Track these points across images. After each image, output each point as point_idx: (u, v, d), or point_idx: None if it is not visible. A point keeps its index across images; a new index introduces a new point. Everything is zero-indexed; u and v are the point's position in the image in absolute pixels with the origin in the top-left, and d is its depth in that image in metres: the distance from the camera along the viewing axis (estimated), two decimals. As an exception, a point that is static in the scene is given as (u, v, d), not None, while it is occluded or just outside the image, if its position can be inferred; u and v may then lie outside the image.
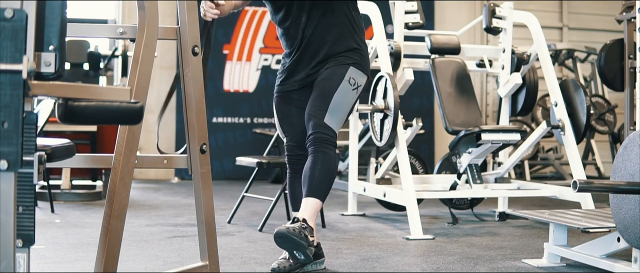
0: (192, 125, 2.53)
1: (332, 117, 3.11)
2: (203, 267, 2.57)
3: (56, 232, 4.13)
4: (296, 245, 2.88)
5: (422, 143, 8.44)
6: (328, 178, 3.07)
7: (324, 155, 3.06)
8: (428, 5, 8.44)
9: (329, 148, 3.08)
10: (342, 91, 3.14)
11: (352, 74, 3.17)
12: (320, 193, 3.05)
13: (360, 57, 3.24)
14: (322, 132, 3.08)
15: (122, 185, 2.31)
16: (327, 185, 3.08)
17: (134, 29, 2.39)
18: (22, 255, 1.79)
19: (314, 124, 3.09)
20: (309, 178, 3.06)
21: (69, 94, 1.80)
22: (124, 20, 8.13)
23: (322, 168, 3.05)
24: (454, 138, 4.64)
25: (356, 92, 3.20)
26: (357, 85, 3.19)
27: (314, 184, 3.04)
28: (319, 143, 3.07)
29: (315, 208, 3.04)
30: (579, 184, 2.61)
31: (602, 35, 8.49)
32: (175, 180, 8.04)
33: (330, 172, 3.07)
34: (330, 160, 3.07)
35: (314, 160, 3.06)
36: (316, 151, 3.07)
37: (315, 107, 3.12)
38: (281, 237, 2.89)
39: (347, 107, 3.17)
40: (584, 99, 4.77)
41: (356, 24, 3.27)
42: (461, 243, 3.89)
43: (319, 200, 3.05)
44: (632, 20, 5.31)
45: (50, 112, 4.95)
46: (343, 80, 3.15)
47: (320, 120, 3.09)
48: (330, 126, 3.10)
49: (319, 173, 3.04)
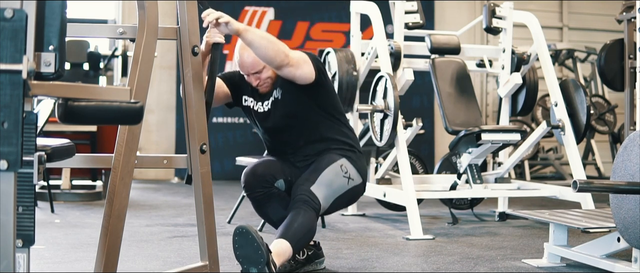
0: (192, 125, 2.53)
1: (319, 188, 3.01)
2: (203, 267, 2.57)
3: (56, 232, 4.13)
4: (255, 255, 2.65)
5: (422, 144, 8.44)
6: (306, 234, 2.90)
7: (306, 212, 2.93)
8: (428, 5, 8.44)
9: (311, 210, 2.96)
10: (332, 171, 3.07)
11: (344, 163, 3.11)
12: (294, 242, 2.86)
13: (355, 156, 3.18)
14: (308, 196, 2.98)
15: (122, 185, 2.31)
16: (303, 239, 2.91)
17: (134, 29, 2.39)
18: (22, 255, 1.79)
19: (301, 189, 3.00)
20: (288, 224, 2.89)
21: (69, 94, 1.80)
22: (124, 20, 8.13)
23: (303, 222, 2.89)
24: (454, 139, 4.63)
25: (347, 181, 3.09)
26: (349, 176, 3.10)
27: (291, 231, 2.86)
28: (301, 202, 2.96)
29: (286, 253, 2.82)
30: (579, 184, 2.61)
31: (602, 35, 8.49)
32: (175, 180, 8.05)
33: (309, 228, 2.91)
34: (311, 221, 2.94)
35: (296, 213, 2.92)
36: (299, 207, 2.94)
37: (304, 179, 3.06)
38: (242, 235, 2.68)
39: (335, 187, 3.06)
40: (584, 99, 4.76)
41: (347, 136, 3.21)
42: (461, 243, 3.89)
43: (291, 249, 2.84)
44: (632, 20, 5.30)
45: (50, 112, 4.95)
46: (334, 163, 3.09)
47: (307, 188, 3.00)
48: (315, 194, 2.99)
49: (299, 225, 2.88)
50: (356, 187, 3.15)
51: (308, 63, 3.05)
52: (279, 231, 2.91)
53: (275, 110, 3.17)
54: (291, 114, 3.16)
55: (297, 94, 3.12)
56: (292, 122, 3.17)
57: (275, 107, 3.17)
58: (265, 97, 3.20)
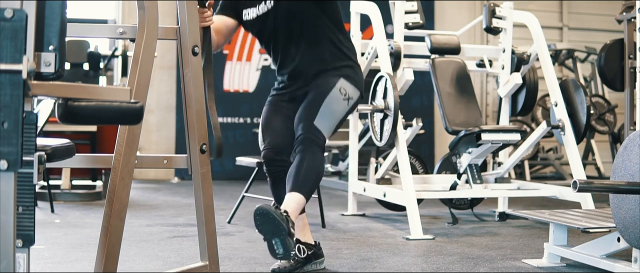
0: (192, 125, 2.52)
1: (321, 121, 3.09)
2: (203, 267, 2.56)
3: (56, 232, 4.13)
4: (277, 228, 2.72)
5: (422, 144, 8.44)
6: (314, 178, 3.00)
7: (312, 155, 3.02)
8: (428, 5, 8.44)
9: (317, 150, 3.04)
10: (332, 98, 3.13)
11: (342, 84, 3.17)
12: (305, 190, 2.96)
13: (352, 72, 3.24)
14: (311, 133, 3.05)
15: (122, 185, 2.31)
16: (313, 184, 3.01)
17: (134, 29, 2.38)
18: (22, 255, 1.79)
19: (304, 126, 3.07)
20: (294, 175, 2.98)
21: (69, 94, 1.80)
22: (124, 20, 8.13)
23: (309, 167, 2.99)
24: (454, 139, 4.64)
25: (347, 104, 3.18)
26: (348, 96, 3.17)
27: (300, 180, 2.96)
28: (307, 143, 3.04)
29: (299, 203, 2.93)
30: (579, 184, 2.61)
31: (602, 35, 8.49)
32: (175, 180, 8.05)
33: (316, 172, 3.01)
34: (317, 160, 3.02)
35: (301, 158, 3.01)
36: (304, 151, 3.03)
37: (305, 112, 3.11)
38: (262, 215, 2.73)
39: (337, 115, 3.14)
40: (584, 99, 4.76)
41: (345, 47, 3.26)
42: (461, 243, 3.89)
43: (303, 197, 2.95)
44: (632, 20, 5.31)
45: (50, 112, 4.95)
46: (333, 88, 3.15)
47: (310, 123, 3.07)
48: (319, 129, 3.07)
49: (305, 171, 2.98)
50: (355, 103, 3.24)
51: None
52: (288, 182, 2.98)
53: (277, 8, 3.19)
54: (293, 12, 3.17)
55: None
56: (293, 23, 3.18)
57: (276, 5, 3.18)
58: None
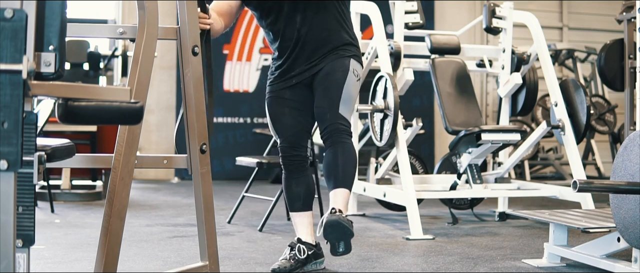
0: (192, 125, 2.52)
1: (345, 108, 3.14)
2: (203, 267, 2.56)
3: (56, 232, 4.13)
4: (345, 232, 2.90)
5: (422, 144, 8.44)
6: (352, 167, 3.10)
7: (343, 146, 3.08)
8: (428, 5, 8.44)
9: (347, 138, 3.11)
10: (350, 83, 3.17)
11: (354, 66, 3.21)
12: (348, 183, 3.08)
13: (356, 49, 3.29)
14: (338, 122, 3.10)
15: (122, 185, 2.31)
16: (352, 173, 3.11)
17: (134, 29, 2.38)
18: (22, 255, 1.79)
19: (330, 116, 3.10)
20: (334, 170, 3.07)
21: (69, 94, 1.80)
22: (124, 20, 8.13)
23: (345, 159, 3.07)
24: (454, 139, 4.63)
25: (359, 83, 3.25)
26: (359, 76, 3.24)
27: (340, 175, 3.06)
28: (336, 134, 3.09)
29: (346, 198, 3.07)
30: (579, 184, 2.61)
31: (602, 35, 8.49)
32: (175, 180, 8.05)
33: (352, 160, 3.10)
34: (350, 149, 3.10)
35: (335, 152, 3.08)
36: (335, 142, 3.09)
37: (328, 100, 3.13)
38: (332, 226, 2.90)
39: (354, 97, 3.22)
40: (584, 99, 4.76)
41: (347, 19, 3.30)
42: (461, 243, 3.89)
43: (348, 191, 3.08)
44: (632, 20, 5.30)
45: (50, 112, 4.95)
46: (349, 73, 3.18)
47: (336, 112, 3.11)
48: (344, 116, 3.12)
49: (342, 164, 3.06)
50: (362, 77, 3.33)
51: None
52: (330, 179, 3.08)
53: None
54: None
55: None
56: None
57: None
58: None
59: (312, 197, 3.28)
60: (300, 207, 3.23)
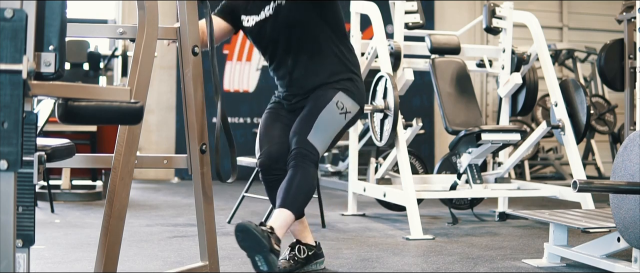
0: (192, 125, 2.52)
1: (315, 136, 3.02)
2: (203, 267, 2.57)
3: (56, 232, 4.13)
4: (258, 244, 2.67)
5: (422, 144, 8.44)
6: (305, 194, 2.93)
7: (303, 171, 2.95)
8: (428, 5, 8.44)
9: (310, 165, 2.97)
10: (328, 111, 3.06)
11: (340, 98, 3.09)
12: (295, 207, 2.89)
13: (352, 85, 3.15)
14: (304, 149, 2.98)
15: (122, 185, 2.31)
16: (303, 201, 2.94)
17: (134, 29, 2.39)
18: (22, 255, 1.79)
19: (297, 140, 3.00)
20: (285, 190, 2.92)
21: (69, 94, 1.80)
22: (124, 20, 8.13)
23: (300, 183, 2.92)
24: (454, 139, 4.63)
25: (344, 118, 3.09)
26: (346, 110, 3.09)
27: (290, 197, 2.90)
28: (299, 158, 2.97)
29: (287, 221, 2.86)
30: (579, 184, 2.61)
31: (602, 35, 8.49)
32: (175, 180, 8.05)
33: (308, 188, 2.94)
34: (309, 176, 2.95)
35: (293, 174, 2.94)
36: (296, 165, 2.96)
37: (300, 126, 3.05)
38: (242, 231, 2.68)
39: (332, 129, 3.07)
40: (584, 99, 4.76)
41: (347, 59, 3.18)
42: (461, 243, 3.89)
43: (291, 214, 2.88)
44: (632, 20, 5.31)
45: (50, 112, 4.95)
46: (330, 102, 3.07)
47: (304, 137, 3.00)
48: (313, 144, 3.00)
49: (296, 187, 2.91)
50: (354, 117, 3.15)
51: None
52: (278, 198, 2.91)
53: (277, 16, 3.12)
54: (293, 21, 3.10)
55: (303, 2, 3.08)
56: (293, 31, 3.11)
57: (277, 12, 3.12)
58: (266, 3, 3.15)
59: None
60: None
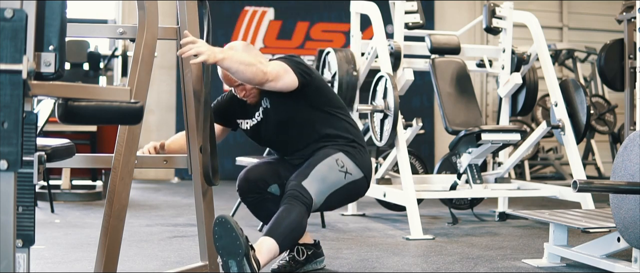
0: (192, 125, 2.53)
1: (311, 184, 2.92)
2: (203, 267, 2.57)
3: (56, 232, 4.13)
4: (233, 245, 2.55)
5: (422, 144, 8.44)
6: (294, 232, 2.82)
7: (298, 210, 2.84)
8: (428, 5, 8.44)
9: (302, 207, 2.86)
10: (327, 165, 2.99)
11: (340, 157, 3.03)
12: (281, 240, 2.77)
13: (354, 151, 3.09)
14: (298, 191, 2.90)
15: (122, 185, 2.31)
16: (291, 238, 2.83)
17: (134, 29, 2.39)
18: (22, 255, 1.79)
19: (292, 185, 2.93)
20: (276, 221, 2.81)
21: (69, 94, 1.80)
22: (124, 20, 8.13)
23: (293, 221, 2.81)
24: (454, 139, 4.63)
25: (344, 177, 3.01)
26: (346, 170, 3.02)
27: (280, 230, 2.78)
28: (293, 198, 2.87)
29: (271, 250, 2.73)
30: (579, 184, 2.61)
31: (602, 35, 8.49)
32: (175, 180, 8.04)
33: (297, 227, 2.82)
34: (300, 216, 2.83)
35: (287, 210, 2.83)
36: (290, 203, 2.85)
37: (297, 174, 2.98)
38: (221, 226, 2.56)
39: (329, 182, 2.97)
40: (584, 99, 4.76)
41: (348, 132, 3.14)
42: (461, 243, 3.89)
43: (277, 247, 2.75)
44: (632, 20, 5.30)
45: (50, 112, 4.95)
46: (330, 157, 3.01)
47: (298, 183, 2.92)
48: (307, 189, 2.91)
49: (289, 223, 2.79)
50: (355, 182, 3.05)
51: (288, 72, 2.97)
52: (266, 228, 2.83)
53: (267, 119, 3.13)
54: (283, 120, 3.11)
55: (286, 100, 3.06)
56: (286, 128, 3.12)
57: (266, 116, 3.13)
58: (255, 108, 3.16)
59: None
60: None
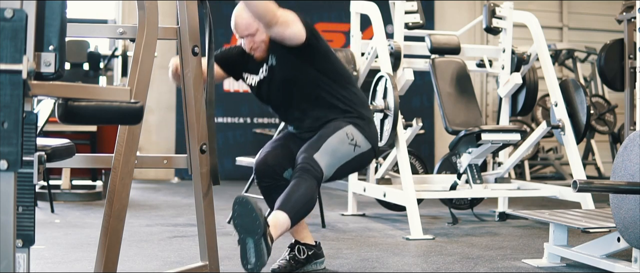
0: (192, 125, 2.53)
1: (321, 157, 2.98)
2: (203, 267, 2.57)
3: (56, 232, 4.13)
4: (253, 225, 2.64)
5: (422, 144, 8.44)
6: (305, 205, 2.88)
7: (307, 183, 2.90)
8: (428, 5, 8.44)
9: (313, 180, 2.92)
10: (337, 138, 3.05)
11: (350, 130, 3.09)
12: (293, 213, 2.84)
13: (363, 123, 3.15)
14: (309, 164, 2.95)
15: (122, 185, 2.31)
16: (303, 211, 2.89)
17: (134, 29, 2.39)
18: (22, 255, 1.79)
19: (303, 158, 2.98)
20: (286, 195, 2.88)
21: (69, 94, 1.80)
22: (124, 20, 8.13)
23: (303, 194, 2.87)
24: (454, 139, 4.63)
25: (353, 149, 3.07)
26: (356, 143, 3.08)
27: (291, 203, 2.85)
28: (303, 171, 2.93)
29: (283, 224, 2.81)
30: (579, 184, 2.61)
31: (602, 35, 8.49)
32: (175, 180, 8.04)
33: (308, 199, 2.89)
34: (311, 189, 2.90)
35: (297, 183, 2.90)
36: (300, 177, 2.92)
37: (307, 147, 3.03)
38: (241, 204, 2.66)
39: (339, 155, 3.04)
40: (584, 99, 4.76)
41: (353, 102, 3.18)
42: (461, 243, 3.89)
43: (289, 220, 2.82)
44: (632, 20, 5.30)
45: (50, 112, 4.95)
46: (340, 130, 3.07)
47: (310, 156, 2.97)
48: (317, 162, 2.96)
49: (298, 196, 2.86)
50: (363, 154, 3.13)
51: (297, 23, 3.04)
52: (277, 202, 2.88)
53: (272, 76, 3.17)
54: (288, 78, 3.14)
55: (291, 58, 3.11)
56: (291, 88, 3.16)
57: (271, 73, 3.17)
58: (260, 64, 3.21)
59: None
60: None
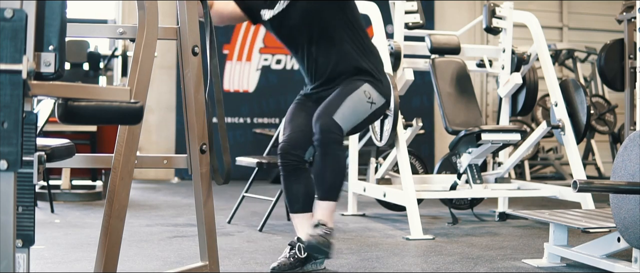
0: (192, 125, 2.52)
1: (340, 116, 3.11)
2: (203, 267, 2.57)
3: (56, 232, 4.13)
4: (324, 253, 3.04)
5: (422, 144, 8.44)
6: (339, 178, 3.11)
7: (332, 158, 3.08)
8: (428, 5, 8.44)
9: (337, 148, 3.09)
10: (355, 97, 3.16)
11: (367, 88, 3.21)
12: (333, 194, 3.11)
13: (378, 80, 3.27)
14: (329, 131, 3.06)
15: (122, 185, 2.31)
16: (339, 185, 3.13)
17: (134, 29, 2.39)
18: (22, 255, 1.79)
19: (322, 123, 3.07)
20: (320, 181, 3.10)
21: (69, 94, 1.80)
22: (124, 20, 8.13)
23: (332, 170, 3.08)
24: (454, 139, 4.63)
25: (370, 107, 3.21)
26: (372, 100, 3.21)
27: (326, 187, 3.10)
28: (325, 144, 3.07)
29: (331, 209, 3.12)
30: (579, 184, 2.61)
31: (602, 35, 8.49)
32: (175, 180, 8.04)
33: (340, 172, 3.11)
34: (339, 160, 3.10)
35: (324, 163, 3.08)
36: (324, 154, 3.07)
37: (325, 107, 3.14)
38: (311, 248, 3.04)
39: (358, 114, 3.18)
40: (584, 99, 4.76)
41: (366, 47, 3.31)
42: (461, 243, 3.89)
43: (333, 203, 3.12)
44: (632, 20, 5.30)
45: (50, 112, 4.95)
46: (358, 89, 3.19)
47: (329, 118, 3.08)
48: (338, 123, 3.09)
49: (329, 176, 3.08)
50: (378, 109, 3.27)
51: None
52: (319, 190, 3.12)
53: (292, 7, 3.25)
54: (308, 11, 3.21)
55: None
56: (310, 23, 3.23)
57: (292, 4, 3.25)
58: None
59: (312, 198, 3.25)
60: (299, 209, 3.22)
